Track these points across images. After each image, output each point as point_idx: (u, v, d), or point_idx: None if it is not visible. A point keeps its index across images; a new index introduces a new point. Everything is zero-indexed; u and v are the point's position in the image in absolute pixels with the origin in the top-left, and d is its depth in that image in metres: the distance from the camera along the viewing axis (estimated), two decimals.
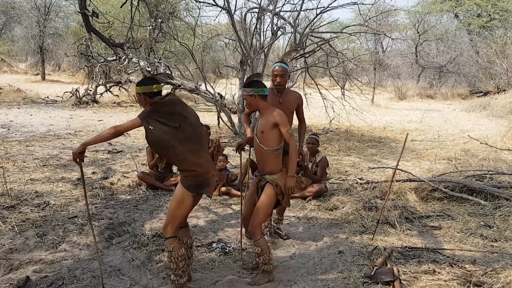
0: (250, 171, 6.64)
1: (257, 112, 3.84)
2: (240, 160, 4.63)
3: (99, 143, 3.44)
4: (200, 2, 10.10)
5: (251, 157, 7.13)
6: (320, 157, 6.16)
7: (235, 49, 12.71)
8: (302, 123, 4.57)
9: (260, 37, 10.72)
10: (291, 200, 5.32)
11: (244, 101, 3.73)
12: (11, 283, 3.43)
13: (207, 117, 13.51)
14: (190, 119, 3.24)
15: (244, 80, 10.79)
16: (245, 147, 4.15)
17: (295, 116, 4.46)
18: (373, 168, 7.62)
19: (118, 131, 3.14)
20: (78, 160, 3.17)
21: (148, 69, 15.36)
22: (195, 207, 5.50)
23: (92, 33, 7.31)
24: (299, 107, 4.40)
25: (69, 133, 10.43)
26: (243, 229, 4.08)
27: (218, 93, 12.19)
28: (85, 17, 6.84)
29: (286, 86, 4.35)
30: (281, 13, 10.70)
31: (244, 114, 4.31)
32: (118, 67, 17.46)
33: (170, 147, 3.13)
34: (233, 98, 11.78)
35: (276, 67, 4.22)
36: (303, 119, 4.56)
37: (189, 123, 3.20)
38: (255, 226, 3.56)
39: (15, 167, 7.02)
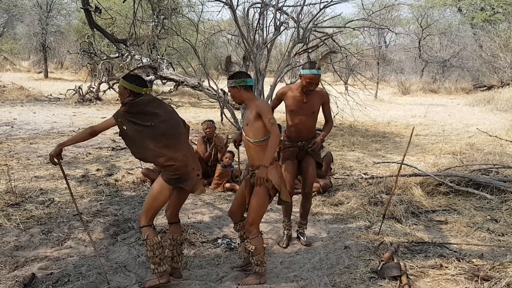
0: None
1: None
2: (238, 155, 4.58)
3: (77, 143, 3.48)
4: None
5: None
6: (324, 153, 6.13)
7: (237, 45, 12.68)
8: (328, 123, 4.30)
9: (263, 33, 10.66)
10: (295, 196, 5.33)
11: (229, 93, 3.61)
12: (16, 280, 3.42)
13: (210, 113, 13.50)
14: (164, 116, 3.28)
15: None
16: (241, 142, 4.03)
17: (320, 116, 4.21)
18: (378, 163, 7.59)
19: (95, 131, 3.28)
20: (55, 160, 3.26)
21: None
22: (199, 203, 5.53)
23: (95, 29, 7.29)
24: (324, 105, 4.19)
25: (73, 131, 10.43)
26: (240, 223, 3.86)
27: (221, 89, 12.16)
28: (88, 13, 6.82)
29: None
30: (284, 8, 10.65)
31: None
32: (120, 64, 17.48)
33: (144, 145, 3.22)
34: None
35: (313, 75, 3.93)
36: (329, 119, 4.29)
37: (162, 120, 3.25)
38: (250, 225, 3.44)
39: (19, 165, 7.02)
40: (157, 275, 3.36)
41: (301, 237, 4.40)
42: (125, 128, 3.21)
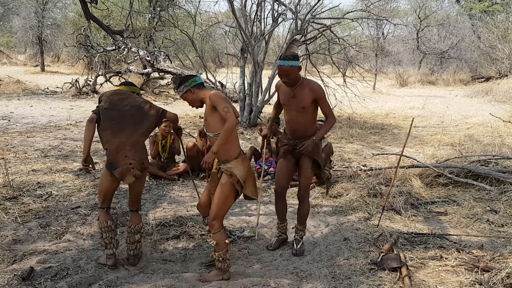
0: (253, 159, 6.61)
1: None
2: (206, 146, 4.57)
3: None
4: None
5: (253, 145, 7.09)
6: (325, 143, 6.10)
7: (235, 37, 12.59)
8: (328, 119, 3.79)
9: (261, 24, 10.59)
10: (293, 188, 5.31)
11: (188, 102, 3.45)
12: (15, 274, 3.40)
13: None
14: (120, 107, 3.53)
15: (245, 69, 10.73)
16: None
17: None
18: (376, 155, 7.57)
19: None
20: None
21: (147, 58, 15.25)
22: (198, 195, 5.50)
23: (91, 20, 7.20)
24: (318, 101, 3.69)
25: (70, 124, 10.37)
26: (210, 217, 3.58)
27: (219, 82, 12.10)
28: (83, 4, 6.73)
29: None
30: None
31: (274, 106, 4.16)
32: (117, 57, 17.35)
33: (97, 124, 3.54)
34: (234, 87, 11.68)
35: (279, 66, 3.61)
36: (328, 115, 3.77)
37: (118, 109, 3.52)
38: (212, 219, 3.33)
39: (17, 158, 6.98)
40: (106, 256, 3.60)
41: (294, 245, 4.00)
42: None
